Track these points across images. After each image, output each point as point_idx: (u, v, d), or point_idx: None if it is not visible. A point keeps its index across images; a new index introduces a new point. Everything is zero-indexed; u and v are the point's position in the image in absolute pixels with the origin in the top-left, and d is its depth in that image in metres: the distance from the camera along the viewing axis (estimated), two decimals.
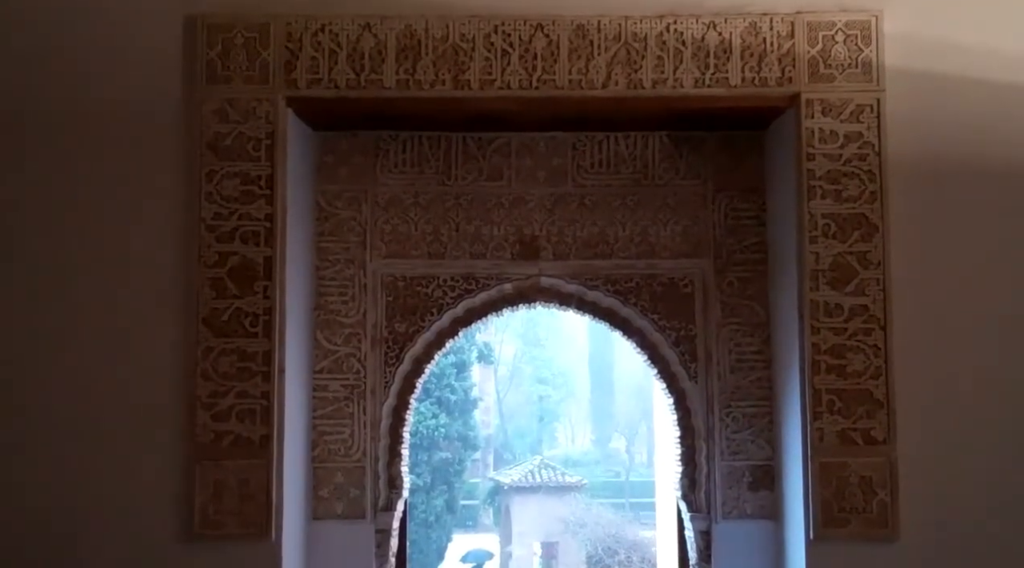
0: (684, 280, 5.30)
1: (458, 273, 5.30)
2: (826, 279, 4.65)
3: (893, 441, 4.60)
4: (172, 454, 4.59)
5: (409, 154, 5.31)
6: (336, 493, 5.18)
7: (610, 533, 26.55)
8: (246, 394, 4.59)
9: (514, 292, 5.37)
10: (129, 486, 4.59)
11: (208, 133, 4.64)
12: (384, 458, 5.24)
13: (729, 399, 5.23)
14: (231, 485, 4.55)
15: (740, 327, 5.25)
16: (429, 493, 27.05)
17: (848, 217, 4.66)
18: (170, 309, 4.63)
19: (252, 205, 4.64)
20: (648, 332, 5.34)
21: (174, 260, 4.65)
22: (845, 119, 4.66)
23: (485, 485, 36.59)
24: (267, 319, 4.61)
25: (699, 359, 5.27)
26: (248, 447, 4.56)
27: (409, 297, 5.29)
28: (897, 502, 4.58)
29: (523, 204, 5.31)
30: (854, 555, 4.60)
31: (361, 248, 5.27)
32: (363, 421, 5.21)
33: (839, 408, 4.61)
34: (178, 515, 4.57)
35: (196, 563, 4.56)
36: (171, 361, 4.62)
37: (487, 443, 39.67)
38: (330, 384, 5.21)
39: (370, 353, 5.23)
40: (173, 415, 4.60)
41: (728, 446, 5.23)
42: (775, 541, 5.12)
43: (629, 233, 5.30)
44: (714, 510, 5.22)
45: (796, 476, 4.76)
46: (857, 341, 4.63)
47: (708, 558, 5.22)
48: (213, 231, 4.63)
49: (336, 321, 5.23)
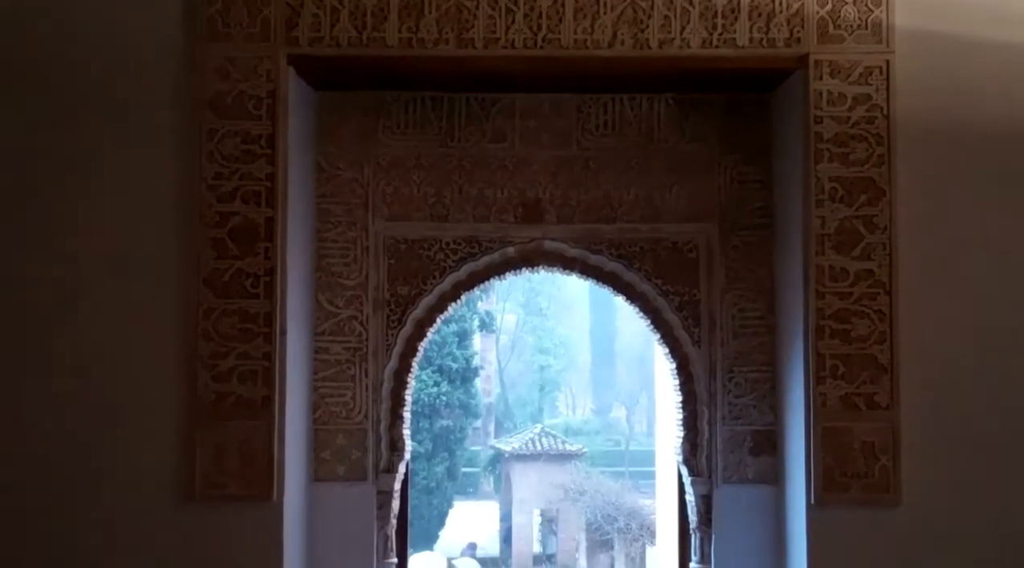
0: (689, 244, 5.27)
1: (461, 236, 5.26)
2: (832, 243, 4.61)
3: (896, 406, 4.58)
4: (174, 415, 4.58)
5: (412, 115, 5.26)
6: (337, 455, 5.17)
7: (610, 501, 26.59)
8: (247, 355, 4.57)
9: (517, 256, 5.34)
10: (131, 447, 4.58)
11: (209, 91, 4.60)
12: (386, 421, 5.23)
13: (732, 364, 5.21)
14: (232, 446, 4.54)
15: (744, 292, 5.22)
16: (430, 460, 27.13)
17: (855, 181, 4.62)
18: (171, 269, 4.60)
19: (253, 165, 4.59)
20: (651, 297, 5.31)
21: (175, 220, 4.62)
22: (854, 81, 4.61)
23: (486, 453, 36.69)
24: (268, 280, 4.57)
25: (702, 324, 5.25)
26: (249, 408, 4.55)
27: (411, 260, 5.25)
28: (899, 467, 4.57)
29: (527, 166, 5.27)
30: (855, 520, 4.59)
31: (363, 210, 5.23)
32: (365, 384, 5.19)
33: (843, 373, 4.59)
34: (180, 476, 4.56)
35: (198, 524, 4.56)
36: (172, 322, 4.60)
37: (488, 411, 39.72)
38: (332, 346, 5.19)
39: (372, 316, 5.21)
40: (175, 376, 4.59)
41: (730, 411, 5.21)
42: (776, 506, 5.11)
43: (634, 197, 5.26)
44: (715, 474, 5.22)
45: (798, 441, 4.75)
46: (862, 306, 4.60)
47: (708, 522, 5.23)
48: (214, 191, 4.59)
49: (338, 283, 5.20)
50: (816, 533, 4.62)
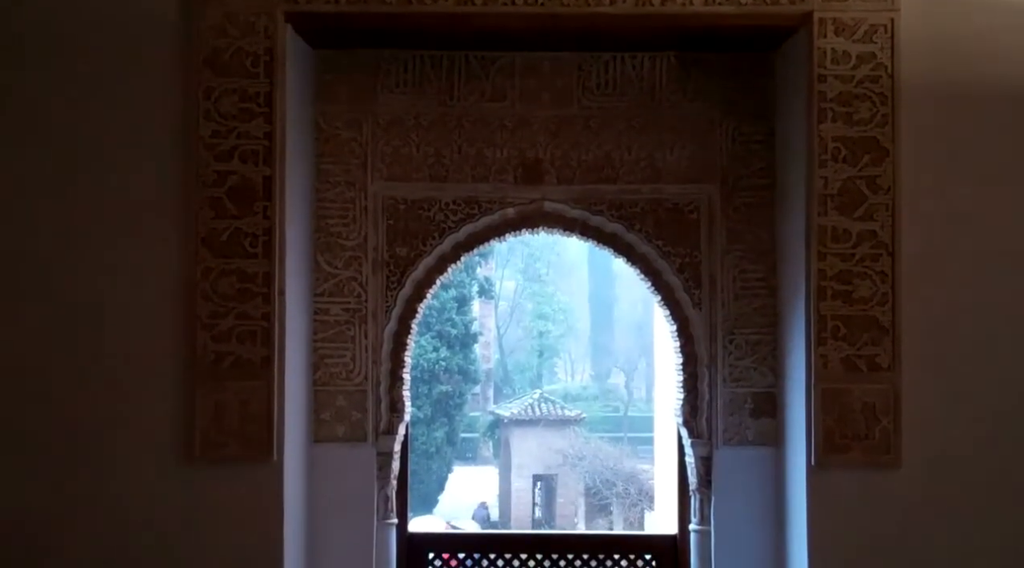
0: (690, 206, 5.23)
1: (460, 197, 5.22)
2: (834, 204, 4.58)
3: (897, 368, 4.57)
4: (173, 375, 4.57)
5: (411, 74, 5.20)
6: (337, 416, 5.16)
7: (608, 466, 26.78)
8: (246, 315, 4.54)
9: (517, 217, 5.30)
10: (130, 407, 4.57)
11: (206, 49, 4.54)
12: (385, 382, 5.22)
13: (733, 326, 5.19)
14: (232, 406, 4.53)
15: (745, 253, 5.19)
16: (430, 425, 27.23)
17: (858, 140, 4.58)
18: (169, 229, 4.57)
19: (251, 123, 4.55)
20: (652, 258, 5.28)
21: (173, 179, 4.58)
22: (858, 39, 4.56)
23: (485, 418, 36.83)
24: (267, 240, 4.55)
25: (703, 286, 5.22)
26: (249, 368, 4.53)
27: (410, 220, 5.22)
28: (900, 429, 4.56)
29: (527, 126, 5.22)
30: (855, 482, 4.59)
31: (362, 170, 5.19)
32: (364, 345, 5.18)
33: (844, 334, 4.57)
34: (179, 436, 4.55)
35: (198, 484, 4.56)
36: (171, 281, 4.58)
37: (487, 377, 39.82)
38: (331, 307, 5.17)
39: (371, 277, 5.18)
40: (174, 336, 4.57)
41: (730, 373, 5.20)
42: (776, 467, 5.11)
43: (635, 157, 5.22)
44: (715, 436, 5.21)
45: (798, 403, 4.74)
46: (864, 267, 4.57)
47: (708, 483, 5.23)
48: (211, 149, 4.54)
49: (337, 244, 5.17)
50: (816, 495, 4.61)
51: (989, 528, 4.60)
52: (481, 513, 28.73)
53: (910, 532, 4.59)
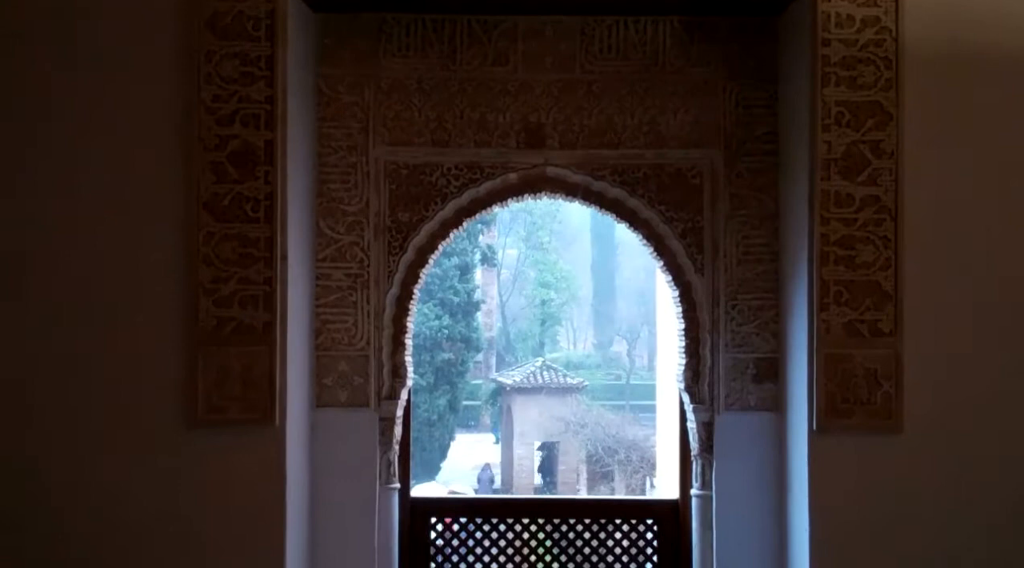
0: (693, 170, 5.21)
1: (462, 161, 5.20)
2: (838, 168, 4.56)
3: (900, 333, 4.57)
4: (175, 340, 4.56)
5: (412, 37, 5.17)
6: (340, 381, 5.17)
7: (610, 433, 26.84)
8: (248, 280, 4.54)
9: (519, 182, 5.28)
10: (132, 372, 4.57)
11: (207, 11, 4.51)
12: (388, 347, 5.22)
13: (735, 292, 5.19)
14: (234, 371, 4.53)
15: (748, 219, 5.18)
16: (432, 393, 27.32)
17: (862, 105, 4.55)
18: (170, 193, 4.56)
19: (252, 87, 4.52)
20: (655, 223, 5.27)
21: (174, 143, 4.56)
22: (862, 3, 4.53)
23: (487, 386, 36.91)
24: (268, 204, 4.53)
25: (706, 251, 5.21)
26: (251, 333, 4.53)
27: (412, 185, 5.20)
28: (901, 394, 4.57)
29: (529, 91, 5.19)
30: (856, 447, 4.61)
31: (363, 134, 5.17)
32: (367, 310, 5.18)
33: (846, 300, 4.57)
34: (182, 401, 4.55)
35: (200, 448, 4.56)
36: (173, 246, 4.56)
37: (489, 345, 39.88)
38: (333, 272, 5.16)
39: (373, 242, 5.18)
40: (175, 301, 4.56)
41: (733, 339, 5.20)
42: (777, 433, 5.13)
43: (638, 122, 5.20)
44: (717, 402, 5.22)
45: (800, 368, 4.75)
46: (867, 232, 4.57)
47: (710, 449, 5.24)
48: (213, 114, 4.52)
49: (339, 209, 5.16)
50: (817, 459, 4.63)
51: (990, 492, 4.62)
52: (485, 475, 28.87)
53: (911, 496, 4.61)
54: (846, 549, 4.59)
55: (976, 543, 4.60)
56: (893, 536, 4.59)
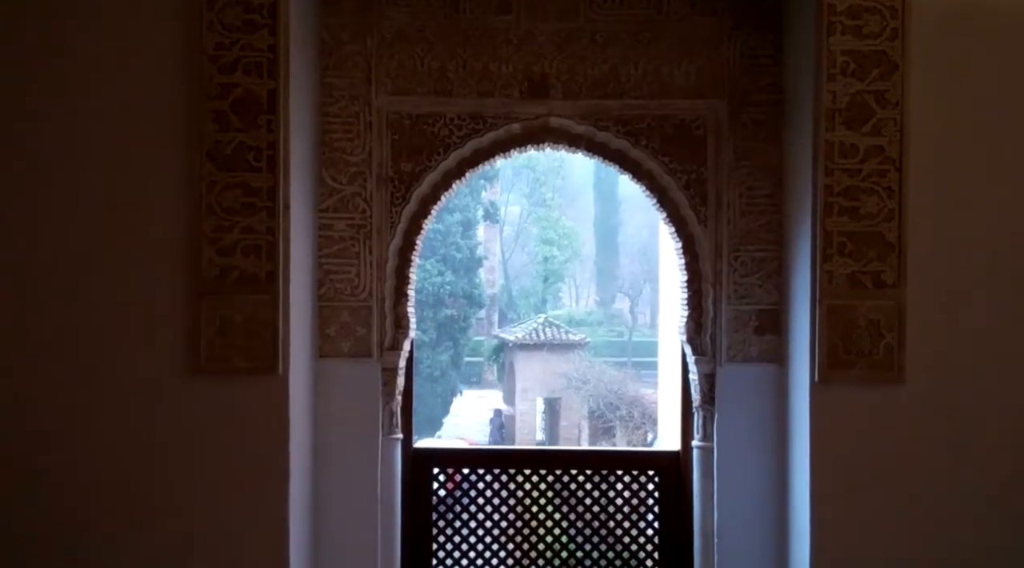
0: (696, 121, 5.19)
1: (465, 112, 5.18)
2: (842, 119, 4.53)
3: (903, 284, 4.56)
4: (178, 289, 4.56)
5: None
6: (342, 332, 5.18)
7: (612, 389, 26.90)
8: (251, 229, 4.53)
9: (522, 132, 5.26)
10: (135, 321, 4.56)
11: None
12: (390, 298, 5.23)
13: (738, 243, 5.18)
14: (237, 320, 4.53)
15: (752, 170, 5.16)
16: (435, 349, 27.38)
17: (868, 54, 4.51)
18: (173, 142, 4.53)
19: (254, 35, 4.49)
20: (658, 175, 5.25)
21: (176, 92, 4.53)
22: None
23: (490, 343, 37.01)
24: (271, 154, 4.51)
25: (709, 203, 5.20)
26: (254, 283, 4.52)
27: (415, 136, 5.18)
28: (904, 345, 4.57)
29: (532, 40, 5.15)
30: (858, 397, 4.61)
31: (366, 84, 5.14)
32: (369, 261, 5.18)
33: (850, 251, 4.56)
34: (185, 350, 4.55)
35: (203, 397, 4.57)
36: (175, 195, 4.55)
37: (492, 302, 39.93)
38: (336, 223, 5.16)
39: (376, 192, 5.16)
40: (178, 250, 4.55)
41: (735, 290, 5.20)
42: (779, 384, 5.14)
43: (641, 72, 5.16)
44: (719, 354, 5.23)
45: (803, 319, 4.75)
46: (871, 183, 4.54)
47: (712, 400, 5.26)
48: (215, 62, 4.49)
49: (341, 159, 5.14)
50: (818, 410, 4.64)
51: (991, 443, 4.63)
52: (496, 421, 29.00)
53: (912, 447, 4.62)
54: (847, 499, 4.62)
55: (977, 493, 4.62)
56: (894, 486, 4.61)
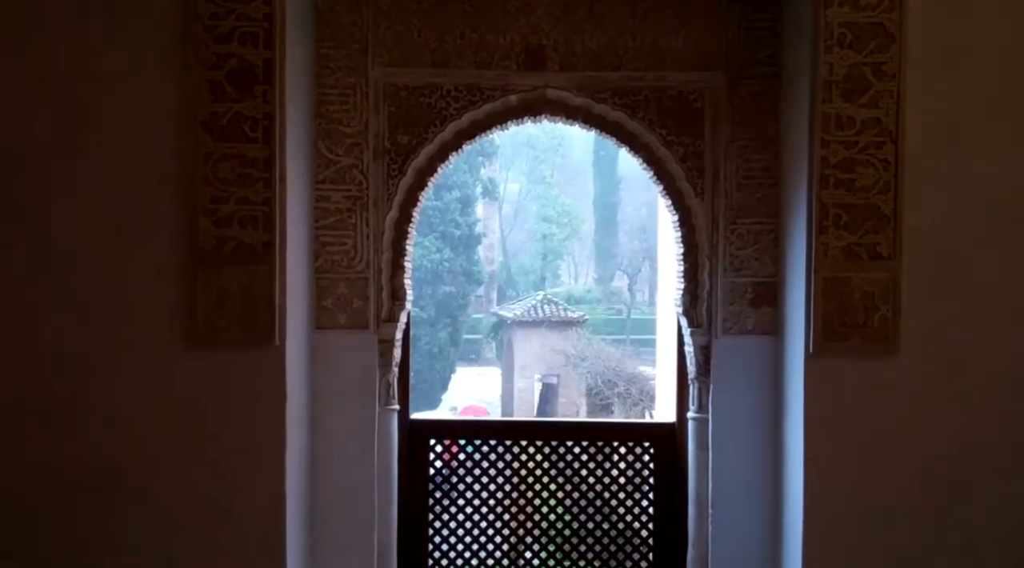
0: (694, 94, 5.18)
1: (462, 83, 5.16)
2: (839, 90, 4.52)
3: (898, 257, 4.56)
4: (174, 260, 4.55)
5: None
6: (339, 304, 5.19)
7: (610, 367, 26.95)
8: (247, 200, 4.52)
9: (519, 104, 5.25)
10: (131, 292, 4.56)
11: None
12: (387, 270, 5.23)
13: (735, 216, 5.18)
14: (234, 291, 4.53)
15: (749, 143, 5.16)
16: (433, 326, 27.45)
17: (865, 26, 4.50)
18: (168, 112, 4.52)
19: (250, 5, 4.46)
20: (655, 147, 5.24)
21: (171, 61, 4.51)
22: None
23: (488, 320, 37.06)
24: (267, 124, 4.49)
25: (706, 175, 5.20)
26: (250, 254, 4.52)
27: (412, 107, 5.17)
28: (899, 318, 4.58)
29: (530, 11, 5.14)
30: (853, 369, 4.62)
31: (363, 55, 5.13)
32: (366, 233, 5.18)
33: (845, 223, 4.56)
34: (181, 321, 4.55)
35: (200, 367, 4.57)
36: (171, 166, 4.54)
37: (490, 279, 39.98)
38: (332, 195, 5.16)
39: (372, 164, 5.16)
40: (174, 220, 4.54)
41: (731, 263, 5.21)
42: (775, 356, 5.16)
43: (639, 44, 5.15)
44: (715, 326, 5.24)
45: (798, 291, 4.76)
46: (868, 155, 4.54)
47: (707, 372, 5.27)
48: (210, 31, 4.47)
49: (337, 130, 5.14)
50: (813, 382, 4.65)
51: (985, 415, 4.64)
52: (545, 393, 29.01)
53: (907, 419, 4.63)
54: (841, 470, 4.63)
55: (970, 465, 4.64)
56: (888, 458, 4.63)
